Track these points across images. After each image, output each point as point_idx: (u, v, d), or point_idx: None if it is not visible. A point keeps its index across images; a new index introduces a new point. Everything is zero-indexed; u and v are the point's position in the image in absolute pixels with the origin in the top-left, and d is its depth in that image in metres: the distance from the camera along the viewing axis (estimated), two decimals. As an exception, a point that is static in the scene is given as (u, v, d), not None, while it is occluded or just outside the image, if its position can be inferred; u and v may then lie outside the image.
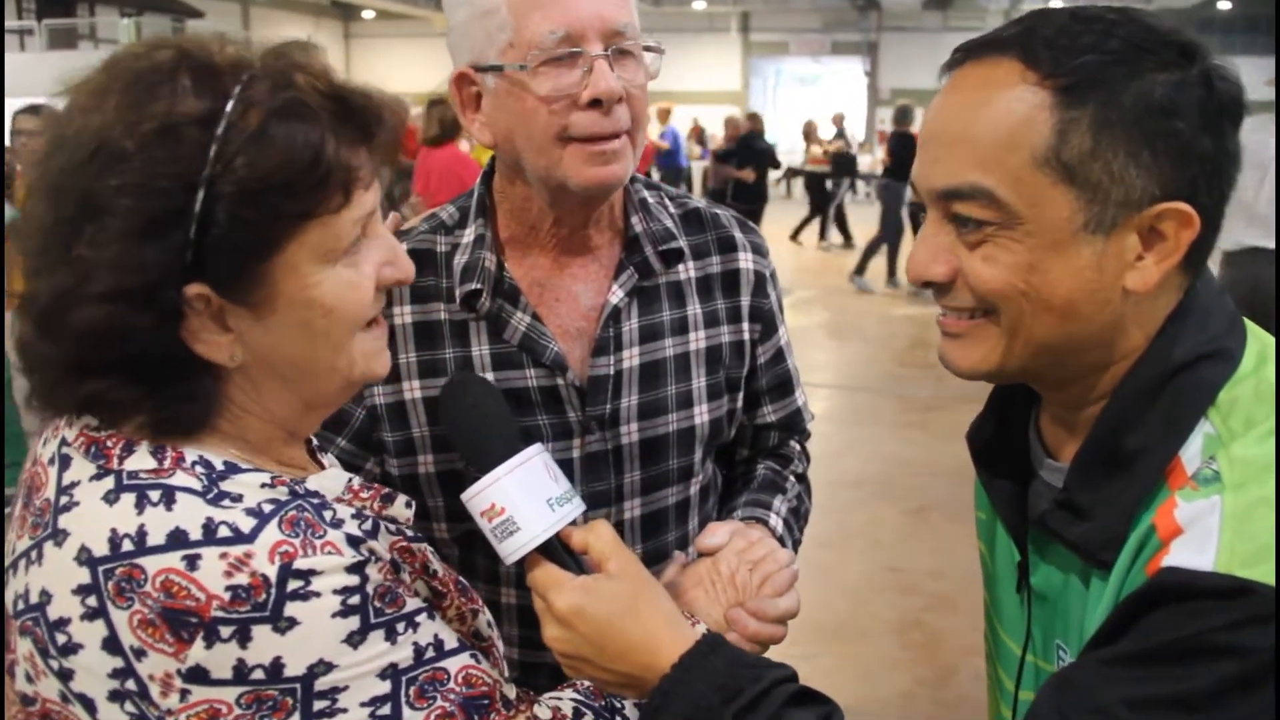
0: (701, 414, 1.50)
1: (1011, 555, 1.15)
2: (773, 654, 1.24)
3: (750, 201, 11.70)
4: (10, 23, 24.61)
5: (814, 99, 33.30)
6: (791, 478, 1.64)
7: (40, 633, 0.90)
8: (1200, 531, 0.89)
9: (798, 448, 1.70)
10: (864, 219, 12.75)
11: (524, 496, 1.08)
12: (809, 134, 16.32)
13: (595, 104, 1.29)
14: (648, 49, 1.36)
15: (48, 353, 0.93)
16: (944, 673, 3.97)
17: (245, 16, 31.21)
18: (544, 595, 1.06)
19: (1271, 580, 0.84)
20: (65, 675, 0.90)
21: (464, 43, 1.35)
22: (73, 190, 0.90)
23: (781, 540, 1.48)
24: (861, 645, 4.18)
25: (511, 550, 1.08)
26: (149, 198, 0.87)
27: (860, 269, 12.12)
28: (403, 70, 33.17)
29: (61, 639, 0.89)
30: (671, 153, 15.72)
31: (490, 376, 1.40)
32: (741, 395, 1.56)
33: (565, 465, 1.41)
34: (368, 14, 33.84)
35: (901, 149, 11.59)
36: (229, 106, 0.90)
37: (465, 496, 1.10)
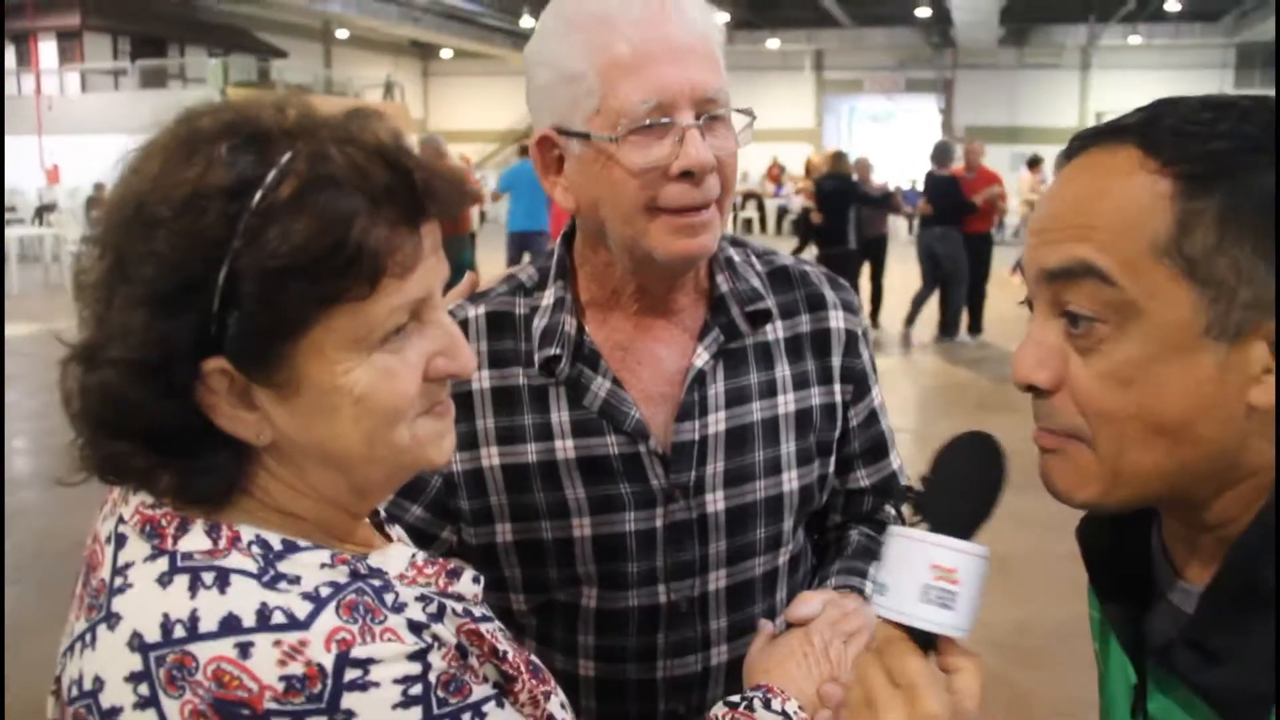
0: (791, 480, 1.42)
1: (1126, 674, 1.02)
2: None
3: (829, 245, 10.83)
4: (106, 63, 25.88)
5: (888, 136, 33.15)
6: (886, 544, 1.55)
7: None
8: None
9: (893, 513, 1.60)
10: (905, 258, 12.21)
11: (977, 589, 0.95)
12: (808, 170, 16.00)
13: (686, 175, 1.23)
14: (739, 112, 1.30)
15: (81, 407, 0.90)
16: (1032, 736, 3.81)
17: (328, 56, 32.11)
18: (914, 682, 0.92)
19: None
20: None
21: (546, 104, 1.30)
22: (114, 250, 0.87)
23: None
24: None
25: (927, 618, 0.93)
26: (170, 270, 0.84)
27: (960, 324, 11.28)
28: (479, 109, 33.86)
29: None
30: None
31: (570, 443, 1.34)
32: (833, 459, 1.48)
33: (648, 535, 1.35)
34: (446, 53, 34.58)
35: (939, 195, 10.68)
36: (269, 177, 0.85)
37: (934, 539, 0.95)
